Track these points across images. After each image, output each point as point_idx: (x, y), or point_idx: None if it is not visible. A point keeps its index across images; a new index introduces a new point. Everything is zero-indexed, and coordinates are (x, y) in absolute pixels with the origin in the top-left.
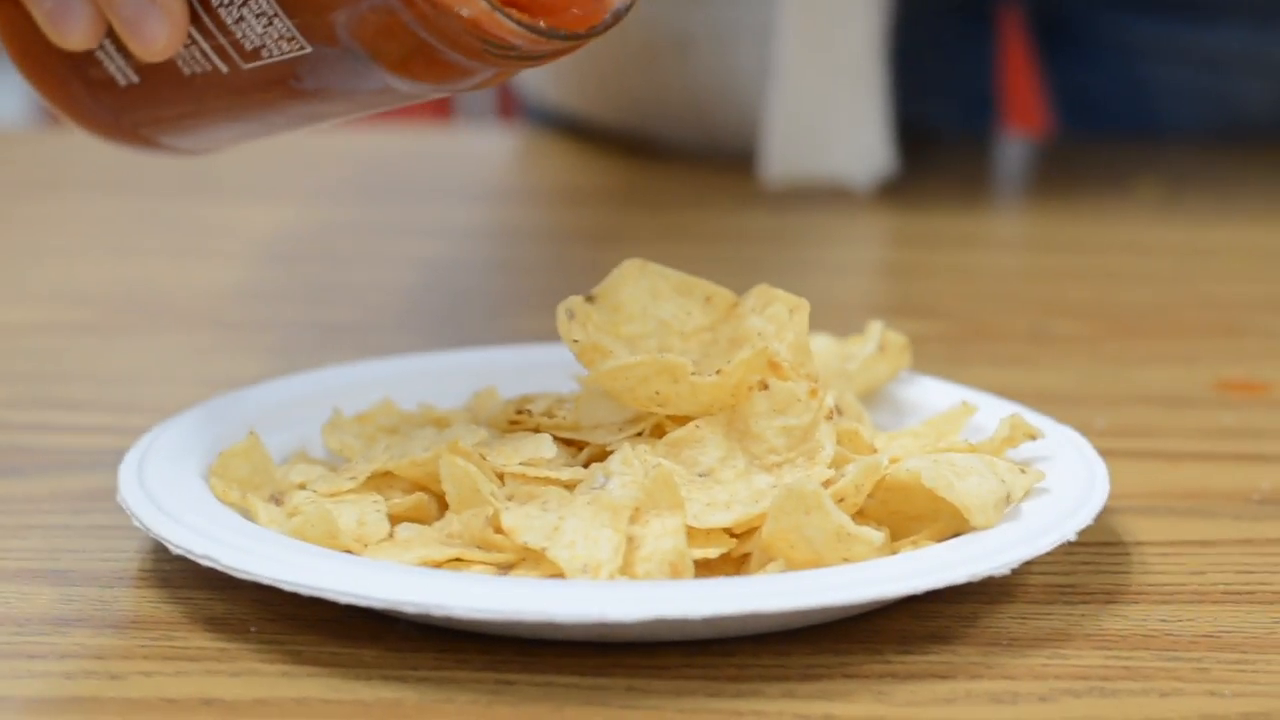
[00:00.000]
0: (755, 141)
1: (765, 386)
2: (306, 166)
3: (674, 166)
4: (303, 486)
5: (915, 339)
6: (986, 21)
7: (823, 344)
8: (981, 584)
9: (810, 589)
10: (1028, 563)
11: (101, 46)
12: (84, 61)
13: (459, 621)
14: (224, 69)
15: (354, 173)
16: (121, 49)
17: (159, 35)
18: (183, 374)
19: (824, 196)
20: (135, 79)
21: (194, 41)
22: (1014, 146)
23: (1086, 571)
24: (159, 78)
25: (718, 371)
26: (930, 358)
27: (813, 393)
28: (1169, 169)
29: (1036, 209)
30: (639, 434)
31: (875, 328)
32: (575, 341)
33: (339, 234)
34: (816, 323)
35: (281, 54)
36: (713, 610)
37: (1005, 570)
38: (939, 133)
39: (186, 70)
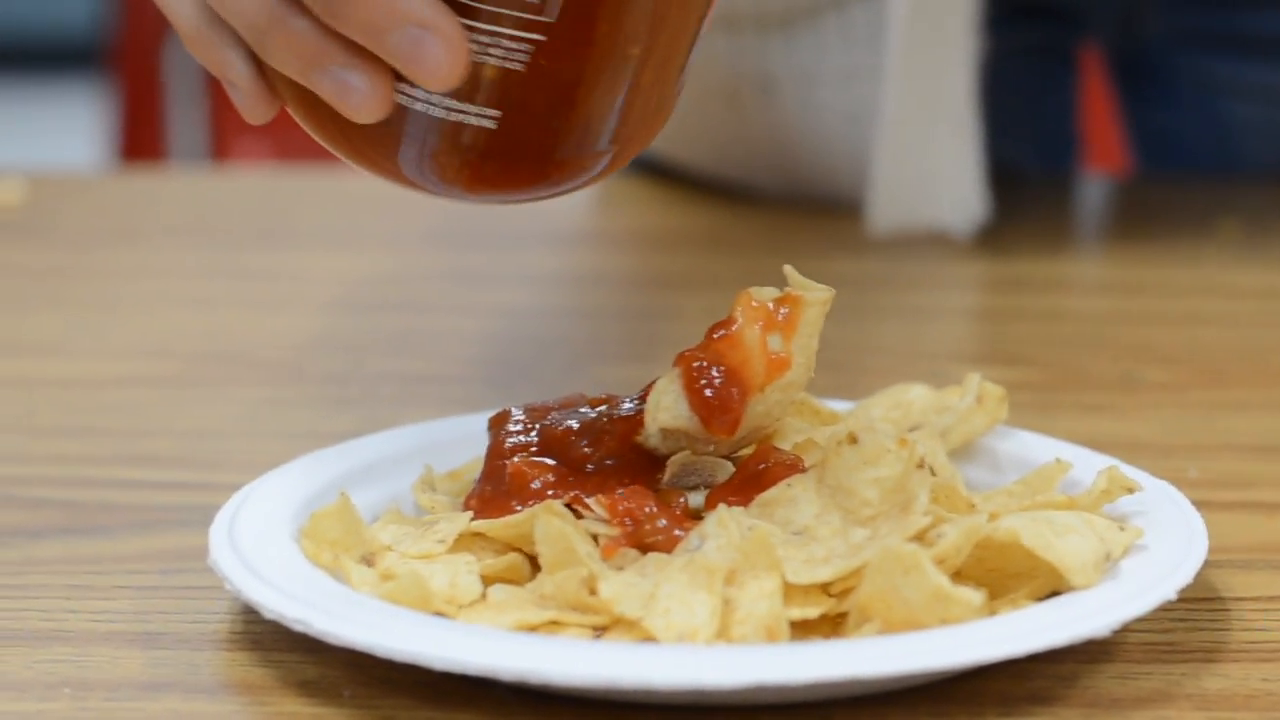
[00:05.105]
0: (838, 185)
1: (854, 440)
2: (382, 214)
3: (756, 211)
4: (390, 549)
5: (1004, 388)
6: (1067, 63)
7: (919, 394)
8: (1080, 643)
9: (910, 652)
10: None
11: (445, 106)
12: (437, 130)
13: (555, 687)
14: (540, 37)
15: (431, 220)
16: (466, 92)
17: (438, 52)
18: (265, 428)
19: (906, 243)
20: (495, 111)
21: (489, 33)
22: (1095, 187)
23: (1185, 629)
24: (514, 92)
25: None
26: (1020, 407)
27: (902, 442)
28: (1251, 209)
29: (1119, 251)
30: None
31: (973, 380)
32: None
33: (417, 282)
34: (907, 372)
35: None
36: (813, 675)
37: (1106, 631)
38: (1021, 175)
39: (513, 65)
